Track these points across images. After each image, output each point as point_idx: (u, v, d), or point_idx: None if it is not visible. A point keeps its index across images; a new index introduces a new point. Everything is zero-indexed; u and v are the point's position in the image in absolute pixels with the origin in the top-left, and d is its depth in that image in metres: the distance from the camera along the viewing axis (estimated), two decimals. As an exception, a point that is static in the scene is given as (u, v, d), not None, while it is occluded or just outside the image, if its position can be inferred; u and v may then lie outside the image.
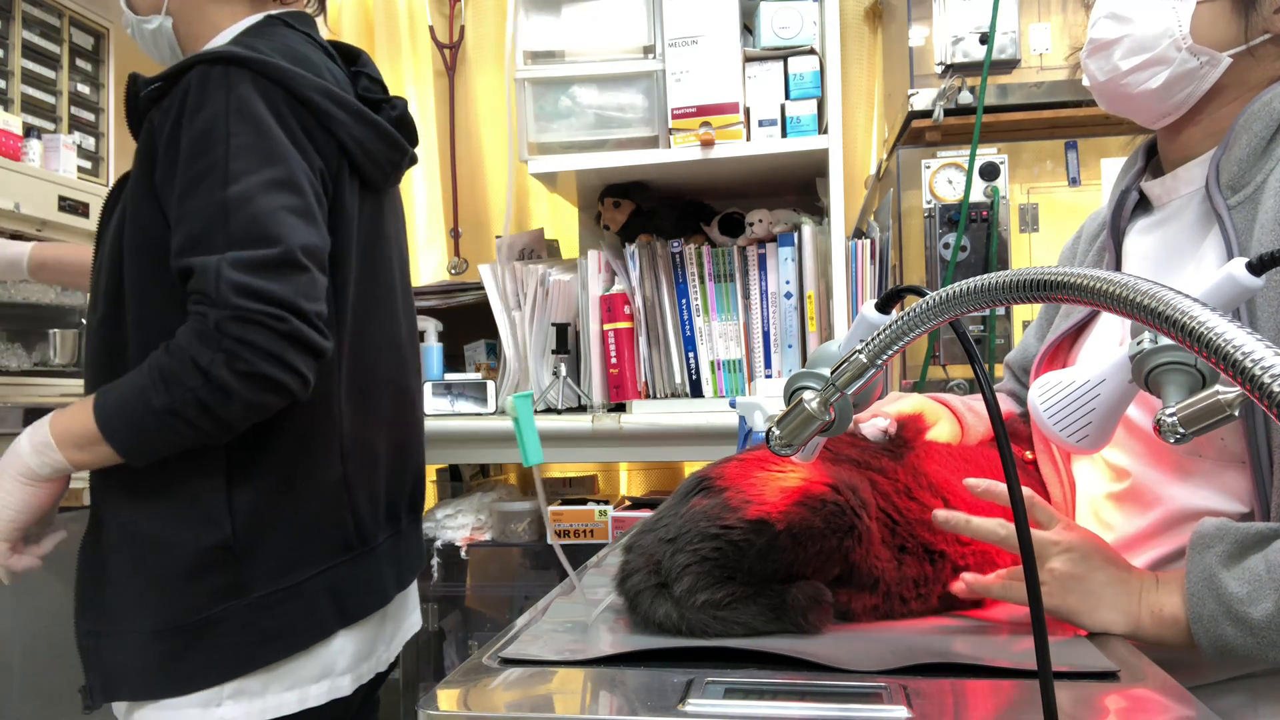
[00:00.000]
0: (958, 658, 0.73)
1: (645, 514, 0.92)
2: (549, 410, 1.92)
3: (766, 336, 1.85)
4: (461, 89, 2.58)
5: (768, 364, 1.85)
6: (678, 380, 1.86)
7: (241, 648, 1.04)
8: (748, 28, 1.85)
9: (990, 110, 1.76)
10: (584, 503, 1.97)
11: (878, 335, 0.64)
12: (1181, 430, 0.56)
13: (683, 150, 1.79)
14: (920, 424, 1.03)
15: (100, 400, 0.99)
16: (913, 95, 1.81)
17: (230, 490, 1.04)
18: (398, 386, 1.23)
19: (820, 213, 1.94)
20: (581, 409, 1.92)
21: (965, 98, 1.76)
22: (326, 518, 1.10)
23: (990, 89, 1.75)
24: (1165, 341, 0.60)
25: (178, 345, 0.96)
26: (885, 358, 0.64)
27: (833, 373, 0.67)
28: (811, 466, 0.84)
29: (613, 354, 1.87)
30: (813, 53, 1.80)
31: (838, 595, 0.83)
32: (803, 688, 0.68)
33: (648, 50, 1.83)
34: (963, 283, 0.57)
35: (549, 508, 1.95)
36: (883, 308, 0.72)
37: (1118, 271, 0.70)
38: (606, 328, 1.87)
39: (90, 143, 1.97)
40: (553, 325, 1.94)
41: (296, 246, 0.98)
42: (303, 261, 0.98)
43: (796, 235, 1.82)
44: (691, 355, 1.86)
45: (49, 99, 1.87)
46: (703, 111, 1.78)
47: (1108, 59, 0.96)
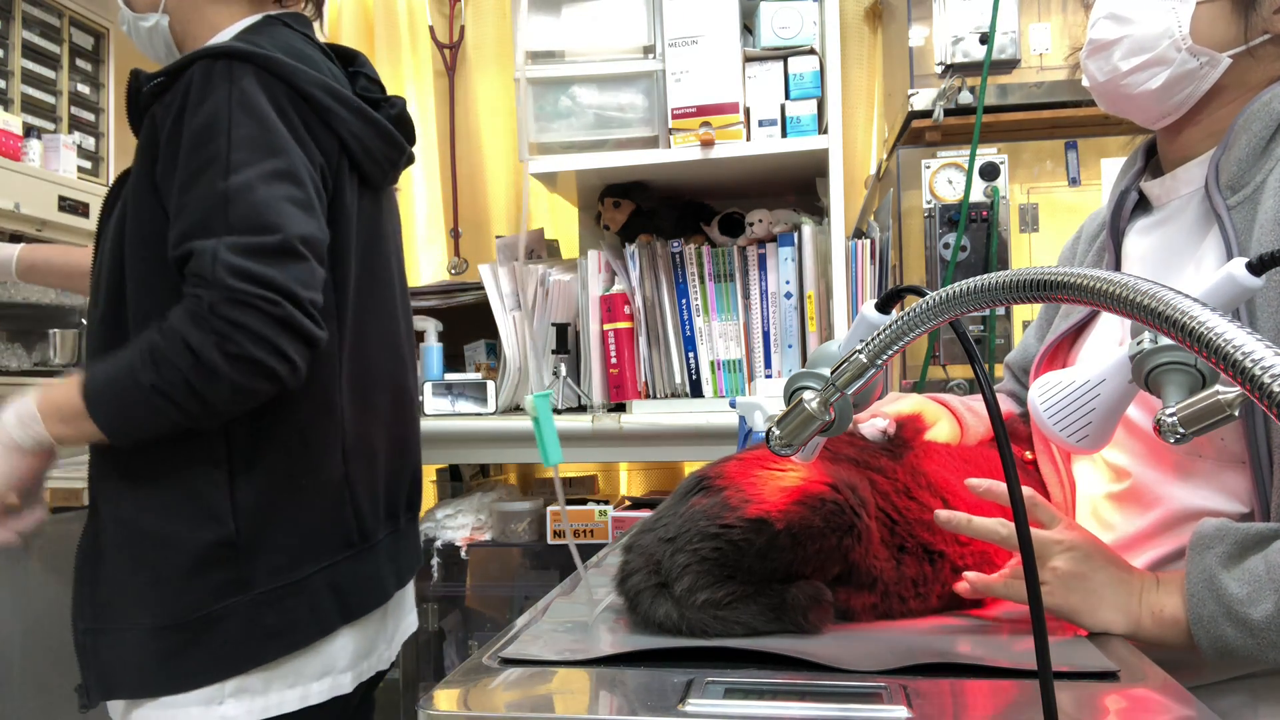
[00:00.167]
0: (958, 658, 0.73)
1: (645, 514, 0.92)
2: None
3: (766, 336, 1.85)
4: (461, 89, 2.58)
5: (768, 364, 1.85)
6: (678, 380, 1.86)
7: (244, 644, 1.03)
8: (748, 28, 1.85)
9: (990, 110, 1.76)
10: (584, 503, 1.97)
11: (878, 335, 0.64)
12: (1181, 430, 0.56)
13: (683, 150, 1.79)
14: (919, 424, 1.03)
15: (89, 375, 0.99)
16: (913, 95, 1.81)
17: (233, 486, 1.04)
18: (397, 385, 1.23)
19: (820, 213, 1.94)
20: (581, 409, 1.92)
21: (965, 98, 1.76)
22: (329, 514, 1.10)
23: (990, 89, 1.75)
24: (1165, 341, 0.60)
25: (170, 325, 0.96)
26: (885, 358, 0.64)
27: (833, 373, 0.67)
28: (811, 466, 0.84)
29: (613, 354, 1.87)
30: (813, 53, 1.80)
31: (837, 594, 0.83)
32: (803, 688, 0.68)
33: (648, 50, 1.83)
34: (963, 283, 0.57)
35: (550, 508, 1.95)
36: (883, 308, 0.72)
37: (1117, 271, 0.70)
38: (606, 328, 1.87)
39: (90, 143, 1.97)
40: (553, 325, 1.94)
41: (295, 235, 0.98)
42: (300, 250, 0.98)
43: (796, 235, 1.82)
44: (691, 355, 1.86)
45: (49, 99, 1.87)
46: (703, 111, 1.78)
47: (1107, 59, 0.96)
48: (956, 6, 1.76)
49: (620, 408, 1.88)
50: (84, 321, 1.88)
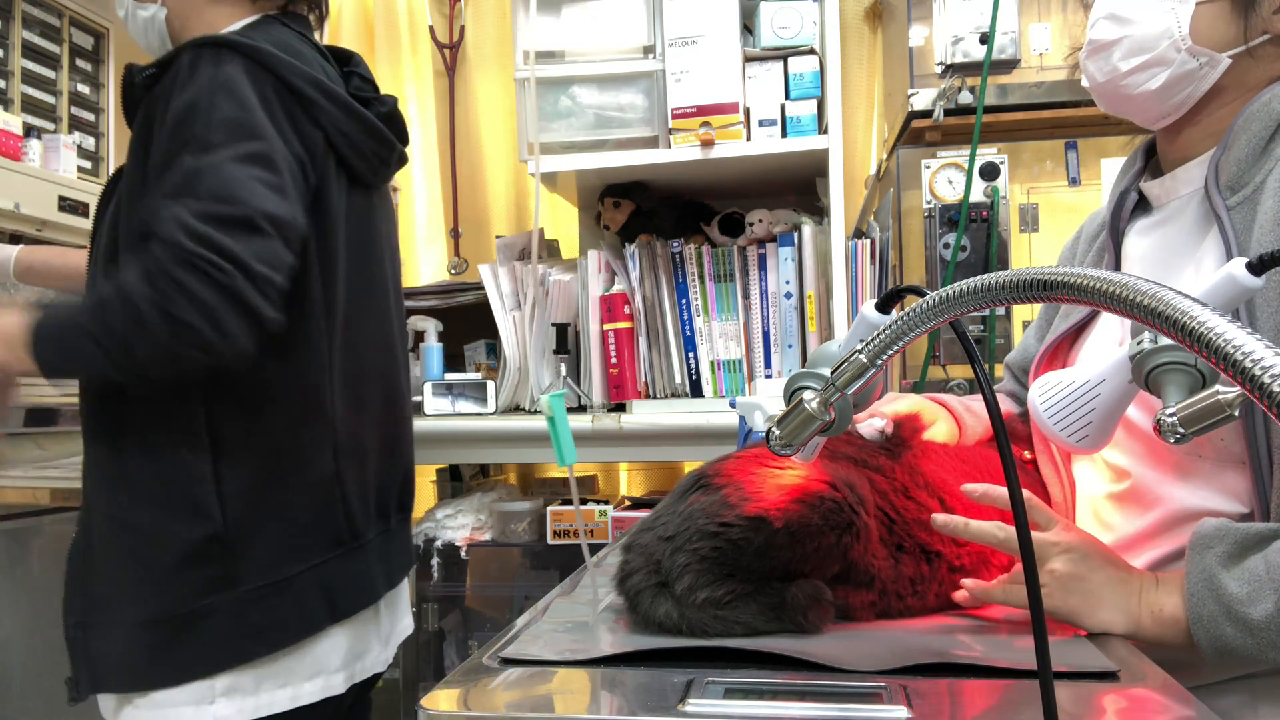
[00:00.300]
0: (957, 658, 0.73)
1: (645, 514, 0.92)
2: (542, 411, 1.92)
3: (766, 336, 1.85)
4: (461, 89, 2.58)
5: (768, 364, 1.85)
6: (678, 380, 1.86)
7: (231, 641, 1.03)
8: (748, 28, 1.85)
9: (990, 110, 1.76)
10: (584, 502, 1.97)
11: (878, 335, 0.64)
12: (1181, 430, 0.56)
13: (683, 150, 1.79)
14: (917, 424, 1.03)
15: (44, 311, 1.00)
16: (913, 95, 1.81)
17: (220, 482, 1.04)
18: (389, 384, 1.23)
19: (820, 213, 1.94)
20: (581, 409, 1.92)
21: (965, 98, 1.76)
22: (318, 512, 1.10)
23: (990, 89, 1.75)
24: (1165, 341, 0.60)
25: (122, 278, 0.96)
26: (885, 358, 0.64)
27: (833, 373, 0.67)
28: (809, 464, 0.84)
29: (613, 354, 1.87)
30: (813, 53, 1.80)
31: (835, 593, 0.83)
32: (803, 688, 0.68)
33: (648, 50, 1.83)
34: (963, 283, 0.57)
35: (550, 508, 1.95)
36: (883, 308, 0.72)
37: (1117, 272, 0.70)
38: (606, 328, 1.87)
39: (90, 143, 1.97)
40: (553, 325, 1.94)
41: (260, 211, 0.97)
42: (264, 227, 0.97)
43: (796, 235, 1.82)
44: (691, 355, 1.86)
45: (49, 99, 1.87)
46: (703, 111, 1.78)
47: (1107, 60, 0.96)
48: (956, 6, 1.76)
49: (620, 408, 1.88)
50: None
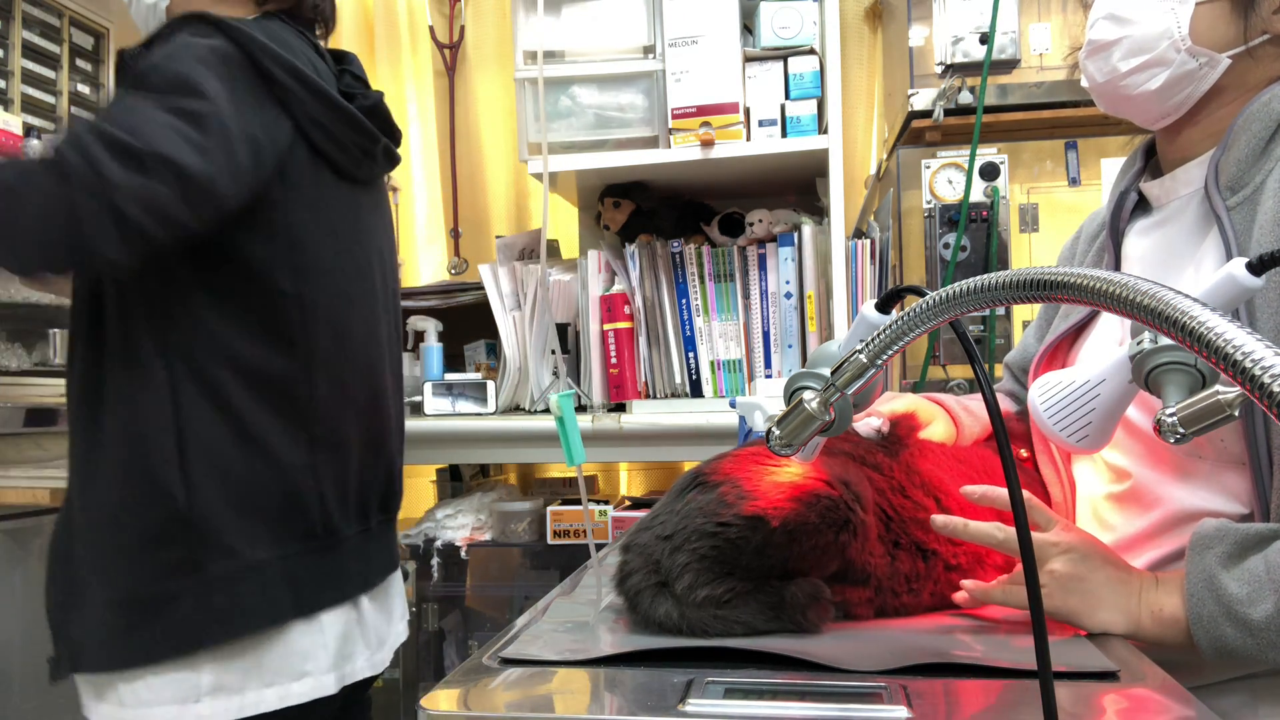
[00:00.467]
0: (957, 658, 0.73)
1: (645, 514, 0.92)
2: (549, 410, 1.92)
3: (766, 336, 1.85)
4: (461, 89, 2.58)
5: (768, 364, 1.85)
6: (678, 380, 1.86)
7: (195, 624, 1.03)
8: (748, 28, 1.85)
9: (990, 110, 1.76)
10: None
11: (878, 335, 0.64)
12: (1181, 430, 0.56)
13: (683, 150, 1.79)
14: (913, 423, 1.03)
15: None
16: (913, 95, 1.81)
17: (185, 464, 1.04)
18: (374, 383, 1.22)
19: (820, 213, 1.94)
20: (581, 409, 1.92)
21: (965, 98, 1.76)
22: (289, 503, 1.09)
23: (990, 89, 1.75)
24: (1165, 341, 0.60)
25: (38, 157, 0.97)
26: (885, 358, 0.64)
27: (833, 373, 0.67)
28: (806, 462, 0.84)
29: (613, 354, 1.87)
30: (813, 53, 1.80)
31: (833, 590, 0.83)
32: (803, 688, 0.68)
33: (648, 50, 1.83)
34: (963, 283, 0.57)
35: (550, 508, 1.95)
36: (883, 308, 0.72)
37: (1117, 272, 0.70)
38: (606, 328, 1.87)
39: (90, 143, 1.97)
40: (553, 325, 1.94)
41: (158, 153, 0.95)
42: (155, 168, 0.95)
43: (796, 235, 1.82)
44: (691, 355, 1.86)
45: (49, 99, 1.87)
46: (703, 111, 1.78)
47: (1106, 60, 0.96)
48: (956, 6, 1.76)
49: (620, 408, 1.88)
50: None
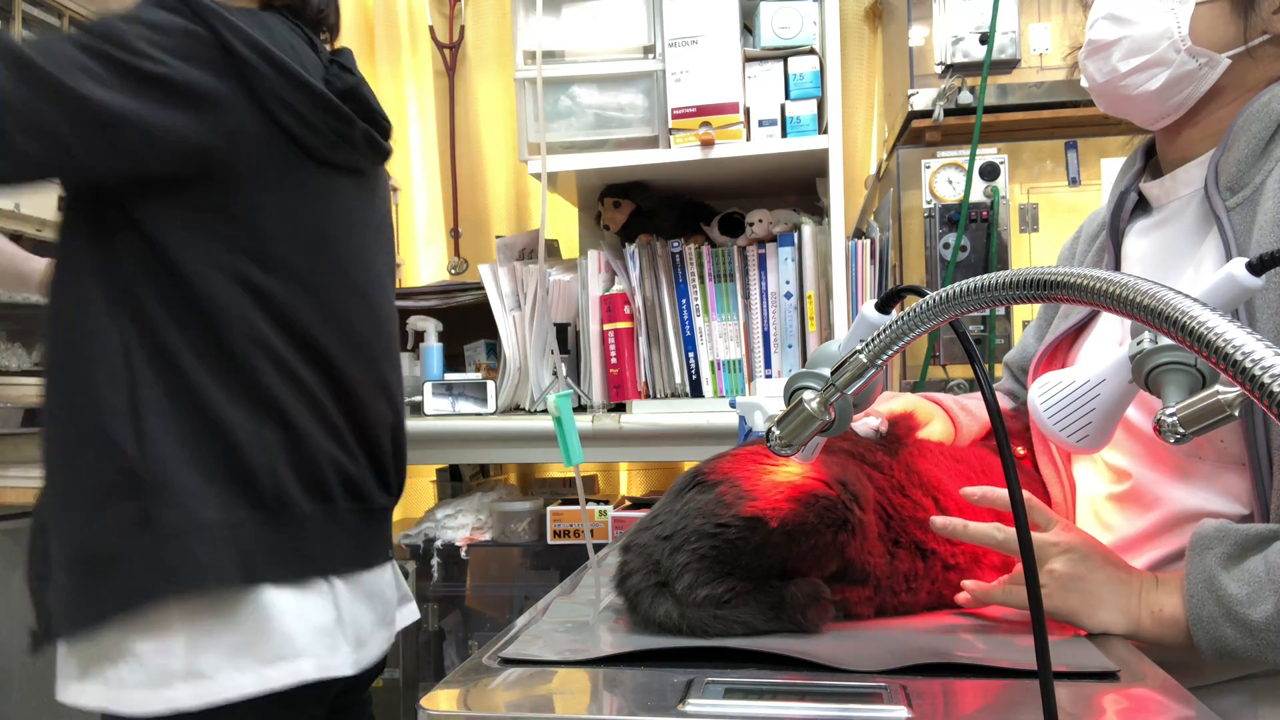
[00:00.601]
0: (957, 658, 0.73)
1: (645, 514, 0.92)
2: (549, 410, 1.92)
3: (766, 336, 1.85)
4: (461, 89, 2.58)
5: (768, 364, 1.85)
6: (678, 380, 1.86)
7: (142, 579, 1.03)
8: (748, 28, 1.85)
9: (990, 110, 1.76)
10: (586, 502, 1.97)
11: (878, 335, 0.64)
12: (1181, 430, 0.56)
13: (683, 150, 1.79)
14: (912, 422, 1.03)
15: None
16: (913, 95, 1.81)
17: (137, 418, 1.04)
18: (338, 374, 1.18)
19: (820, 213, 1.94)
20: (581, 409, 1.92)
21: (965, 98, 1.76)
22: (237, 469, 1.08)
23: (990, 89, 1.75)
24: (1165, 341, 0.60)
25: None
26: (885, 358, 0.64)
27: (833, 373, 0.67)
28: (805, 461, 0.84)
29: (613, 354, 1.87)
30: (813, 53, 1.80)
31: (833, 590, 0.83)
32: (803, 688, 0.68)
33: (648, 50, 1.83)
34: (963, 283, 0.57)
35: (550, 508, 1.95)
36: (883, 308, 0.72)
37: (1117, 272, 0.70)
38: (606, 328, 1.87)
39: (90, 142, 1.96)
40: (553, 325, 1.94)
41: (50, 76, 0.95)
42: (39, 85, 0.95)
43: (796, 235, 1.82)
44: (691, 355, 1.86)
45: (49, 99, 1.87)
46: (703, 111, 1.78)
47: (1106, 60, 0.96)
48: (956, 6, 1.76)
49: (620, 408, 1.88)
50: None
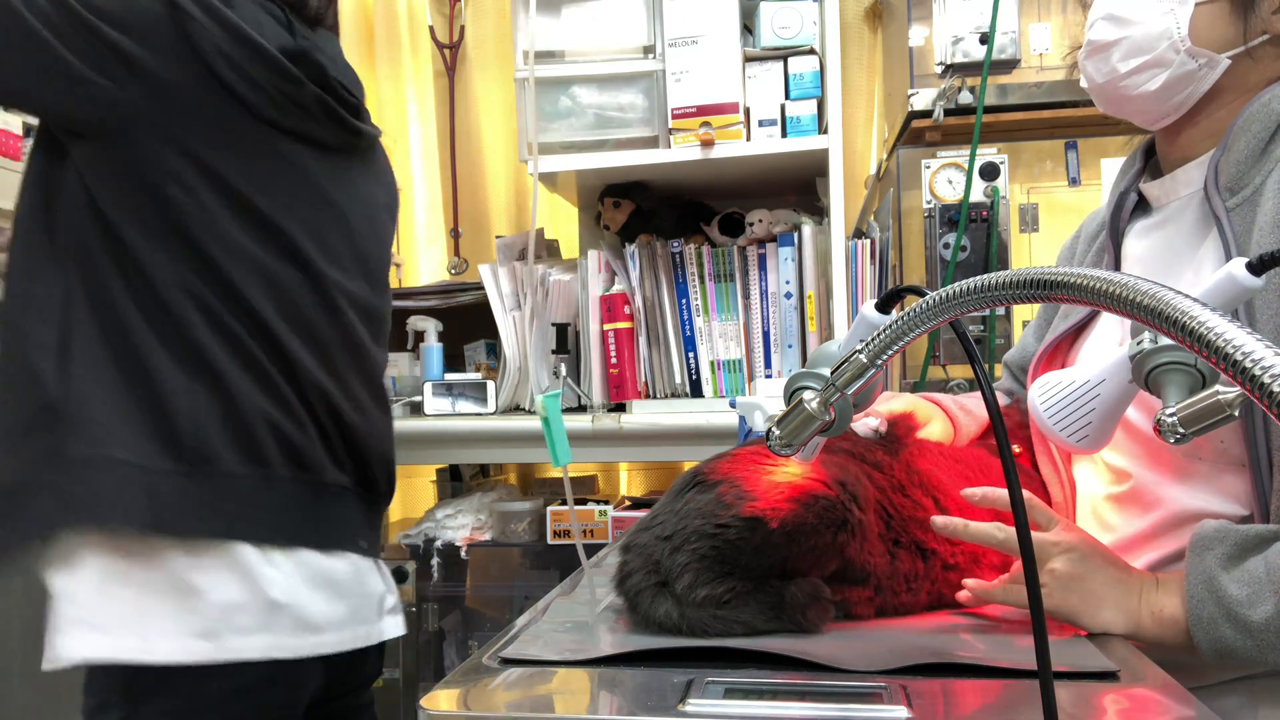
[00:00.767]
0: (957, 658, 0.73)
1: (645, 514, 0.92)
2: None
3: (766, 336, 1.85)
4: (461, 89, 2.58)
5: (768, 364, 1.85)
6: (678, 380, 1.86)
7: (45, 511, 1.04)
8: (748, 28, 1.85)
9: (990, 110, 1.76)
10: (584, 503, 1.97)
11: (878, 335, 0.64)
12: (1181, 430, 0.56)
13: (683, 150, 1.79)
14: (911, 422, 1.03)
15: None
16: (913, 95, 1.81)
17: (63, 359, 1.05)
18: (278, 343, 1.15)
19: (820, 213, 1.94)
20: (581, 409, 1.92)
21: (965, 98, 1.76)
22: (161, 417, 1.07)
23: (990, 89, 1.75)
24: (1165, 341, 0.60)
25: None
26: (885, 358, 0.64)
27: (833, 373, 0.67)
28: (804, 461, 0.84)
29: (613, 354, 1.87)
30: (813, 53, 1.80)
31: (834, 590, 0.83)
32: (803, 688, 0.68)
33: (648, 50, 1.83)
34: (963, 283, 0.57)
35: (550, 508, 1.95)
36: (883, 308, 0.72)
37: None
38: (606, 328, 1.87)
39: (90, 142, 1.97)
40: (553, 325, 1.94)
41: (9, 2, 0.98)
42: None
43: (796, 235, 1.82)
44: (691, 355, 1.86)
45: (49, 99, 1.87)
46: (703, 111, 1.78)
47: (1106, 61, 0.96)
48: (956, 6, 1.76)
49: (620, 408, 1.88)
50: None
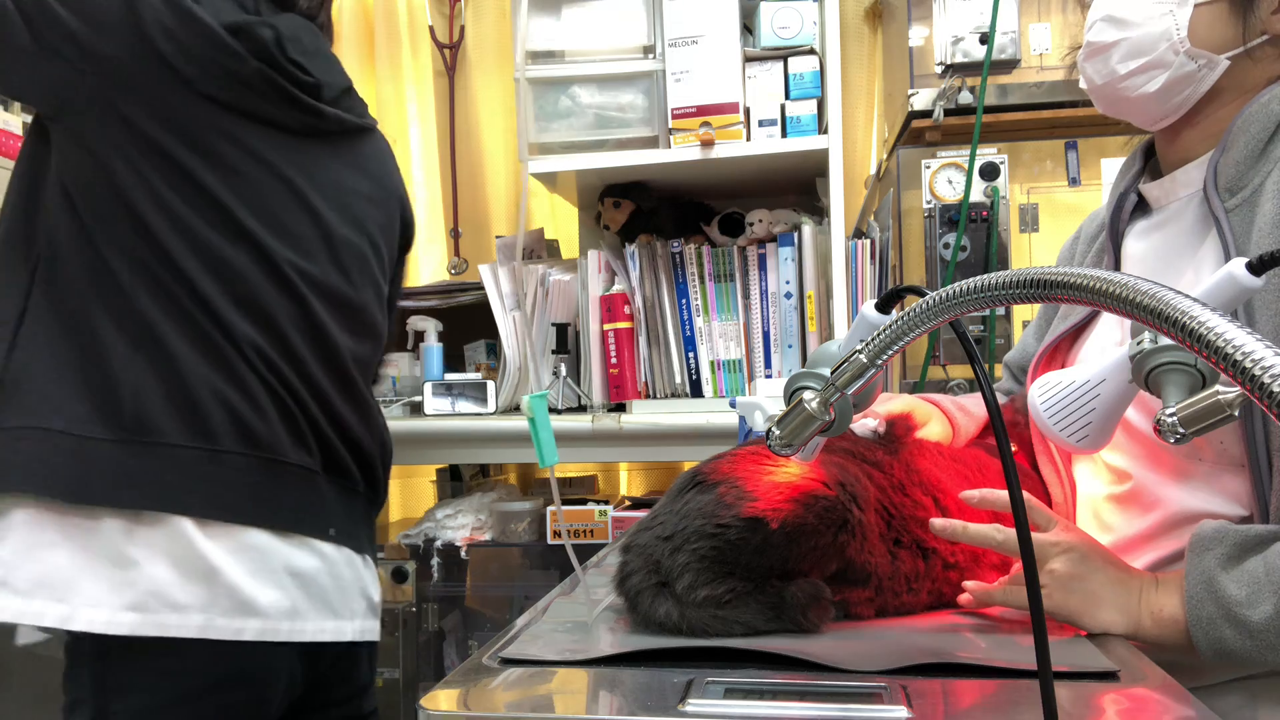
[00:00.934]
0: (957, 658, 0.73)
1: (645, 515, 0.92)
2: (549, 410, 1.92)
3: (766, 336, 1.85)
4: (461, 89, 2.58)
5: (768, 364, 1.85)
6: (678, 380, 1.86)
7: None
8: (748, 28, 1.85)
9: (990, 110, 1.76)
10: (584, 503, 1.97)
11: (878, 335, 0.64)
12: (1181, 430, 0.56)
13: (683, 150, 1.79)
14: (909, 423, 1.03)
15: None
16: (913, 95, 1.81)
17: (17, 327, 1.06)
18: (228, 325, 1.13)
19: (820, 213, 1.94)
20: (581, 409, 1.92)
21: (965, 98, 1.76)
22: (101, 388, 1.07)
23: (990, 89, 1.75)
24: (1165, 341, 0.60)
25: None
26: (885, 358, 0.64)
27: (833, 373, 0.67)
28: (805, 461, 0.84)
29: (613, 354, 1.87)
30: (813, 53, 1.80)
31: (834, 590, 0.83)
32: (803, 688, 0.68)
33: (648, 50, 1.83)
34: (963, 283, 0.57)
35: (550, 508, 1.95)
36: (883, 308, 0.72)
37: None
38: (606, 328, 1.87)
39: (90, 142, 1.96)
40: (553, 325, 1.94)
41: None
42: None
43: (796, 235, 1.82)
44: (691, 355, 1.86)
45: (49, 99, 1.87)
46: (703, 111, 1.78)
47: (1105, 62, 0.96)
48: (956, 6, 1.76)
49: (620, 408, 1.88)
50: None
